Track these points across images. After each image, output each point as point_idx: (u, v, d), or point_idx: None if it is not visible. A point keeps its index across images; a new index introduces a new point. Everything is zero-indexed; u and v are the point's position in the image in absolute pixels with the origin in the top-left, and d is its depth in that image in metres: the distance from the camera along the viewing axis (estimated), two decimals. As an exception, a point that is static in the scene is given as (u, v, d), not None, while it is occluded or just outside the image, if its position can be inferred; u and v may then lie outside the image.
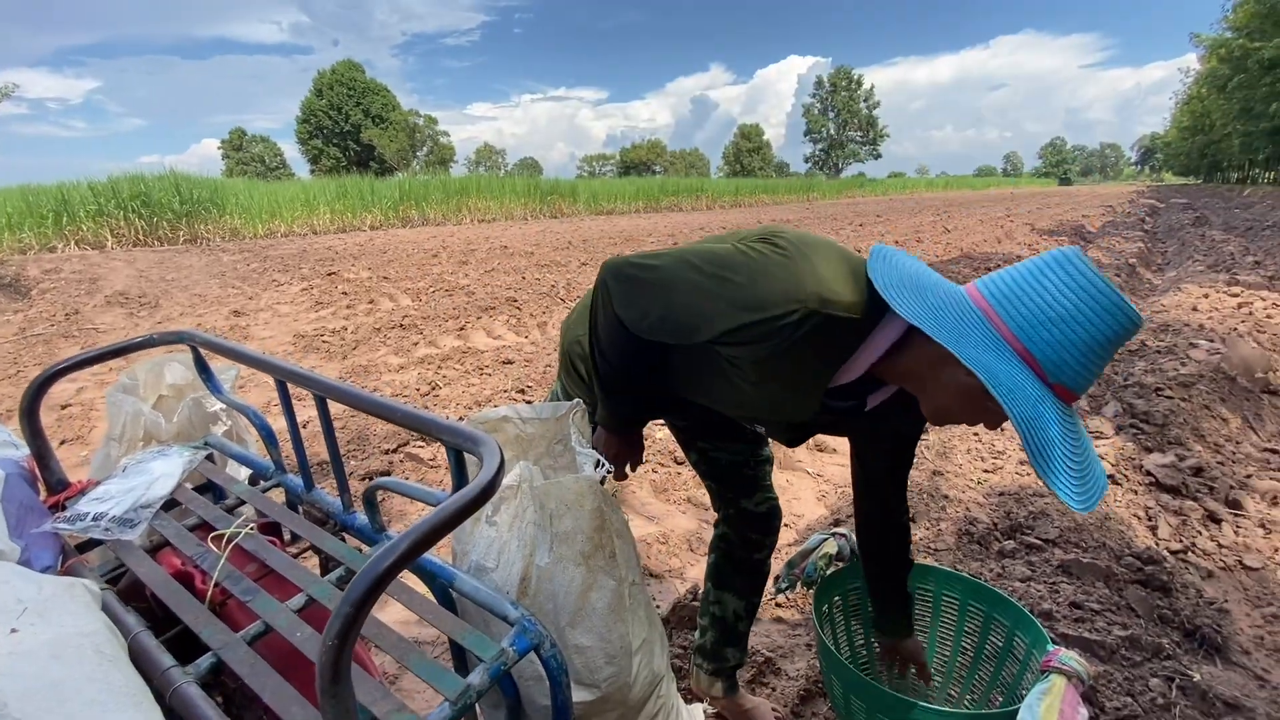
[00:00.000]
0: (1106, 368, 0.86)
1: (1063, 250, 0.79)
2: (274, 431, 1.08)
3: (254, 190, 16.81)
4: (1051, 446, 0.76)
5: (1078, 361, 0.75)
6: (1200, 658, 1.66)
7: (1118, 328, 0.75)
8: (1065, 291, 0.76)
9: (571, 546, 0.83)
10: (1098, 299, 0.75)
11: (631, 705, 0.89)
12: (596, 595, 0.84)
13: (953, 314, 0.80)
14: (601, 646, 0.84)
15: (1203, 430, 2.85)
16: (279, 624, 0.73)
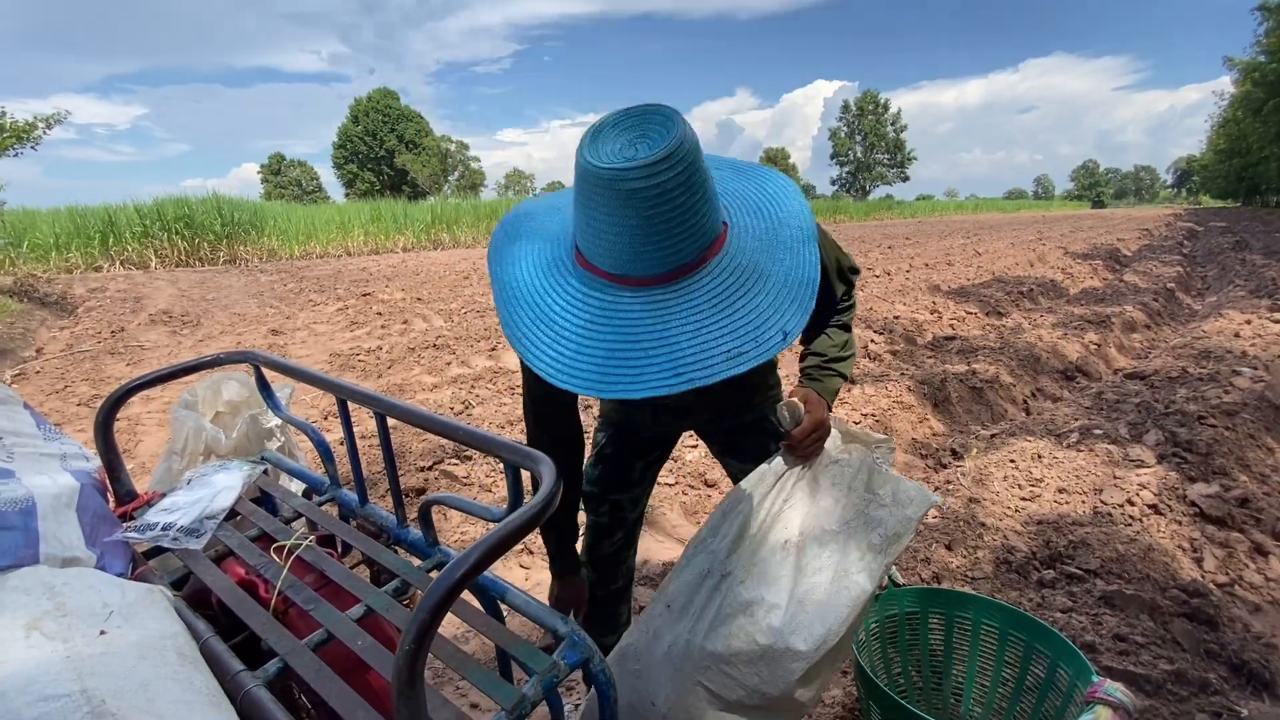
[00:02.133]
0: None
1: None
2: (330, 448, 1.13)
3: (291, 213, 17.38)
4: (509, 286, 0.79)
5: (580, 227, 0.76)
6: (1248, 694, 1.60)
7: (579, 178, 0.72)
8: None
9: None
10: (578, 151, 0.74)
11: None
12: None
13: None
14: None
15: (1248, 460, 2.77)
16: (341, 632, 0.77)
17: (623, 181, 0.68)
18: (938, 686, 1.43)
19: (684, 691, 0.99)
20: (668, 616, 1.03)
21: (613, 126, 0.75)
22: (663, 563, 2.13)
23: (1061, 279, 8.64)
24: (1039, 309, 6.68)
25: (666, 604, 1.04)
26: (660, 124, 0.73)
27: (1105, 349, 5.03)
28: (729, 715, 0.99)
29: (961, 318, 5.96)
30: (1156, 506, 2.24)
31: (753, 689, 0.96)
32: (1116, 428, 2.87)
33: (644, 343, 0.72)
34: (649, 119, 0.74)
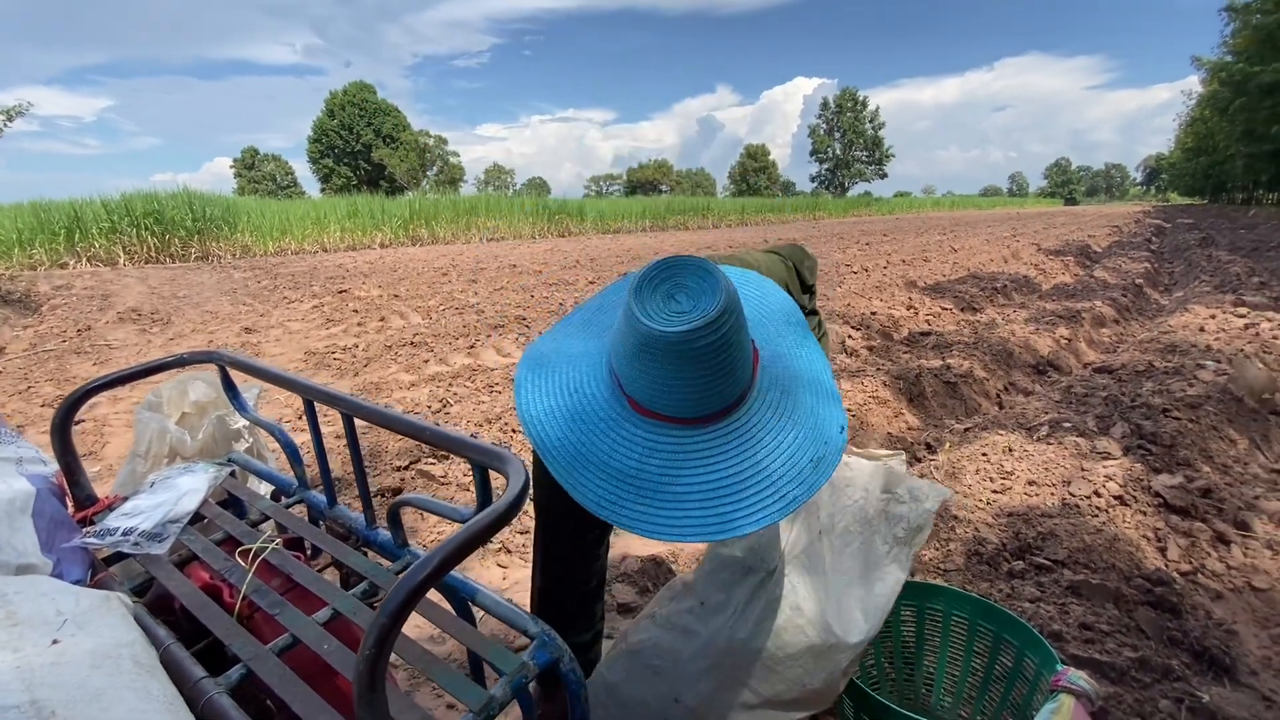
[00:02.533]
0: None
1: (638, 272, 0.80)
2: (298, 449, 1.11)
3: (265, 208, 17.07)
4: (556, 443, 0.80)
5: (624, 370, 0.78)
6: (1209, 679, 1.65)
7: (638, 339, 0.75)
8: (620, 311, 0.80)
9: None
10: (627, 316, 0.77)
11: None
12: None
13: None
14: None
15: (1210, 451, 2.85)
16: (307, 637, 0.76)
17: (691, 342, 0.72)
18: (909, 677, 1.45)
19: (720, 687, 0.99)
20: (701, 613, 1.03)
21: (653, 287, 0.78)
22: (640, 558, 2.14)
23: (1034, 275, 8.80)
24: (1012, 304, 6.80)
25: (700, 601, 1.05)
26: (696, 275, 0.77)
27: (1076, 343, 5.14)
28: (762, 710, 1.00)
29: (937, 313, 6.04)
30: (1122, 498, 2.30)
31: (795, 681, 0.98)
32: (1085, 421, 2.94)
33: (743, 474, 0.75)
34: (684, 271, 0.78)
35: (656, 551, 2.21)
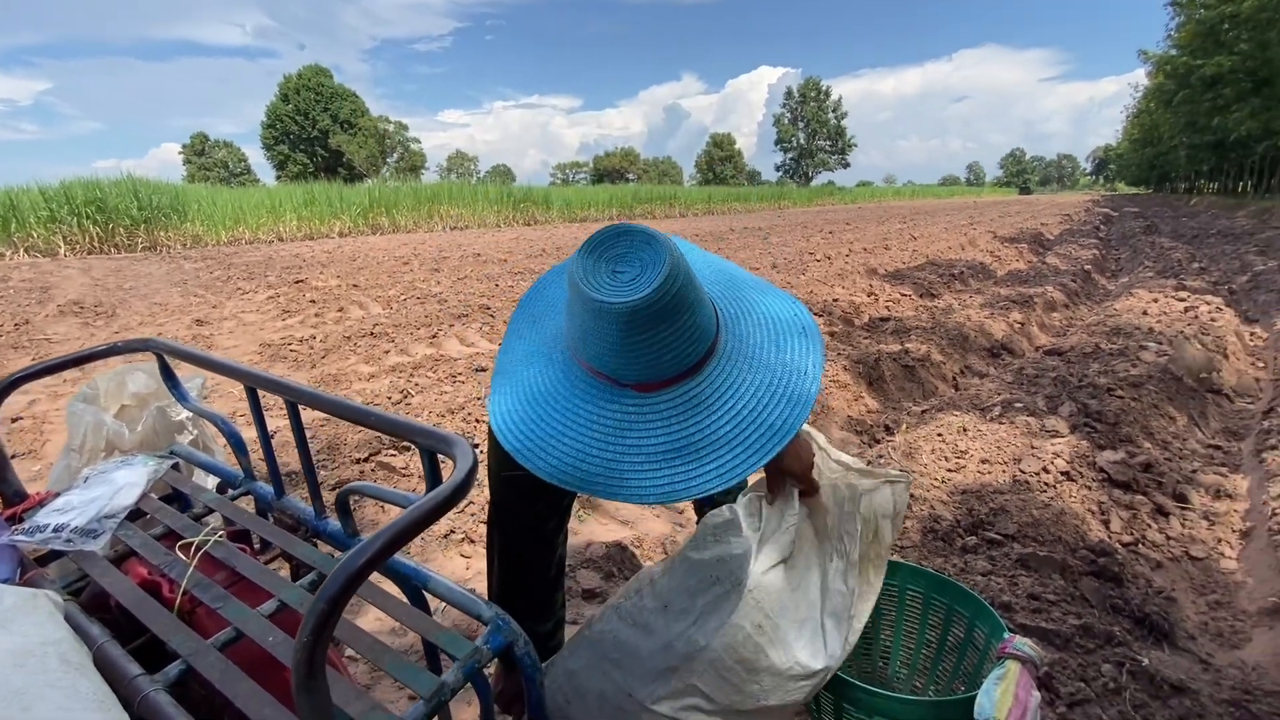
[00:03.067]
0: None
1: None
2: (243, 439, 1.07)
3: (217, 196, 16.43)
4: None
5: (581, 345, 0.79)
6: (1149, 644, 1.74)
7: (589, 314, 0.75)
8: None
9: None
10: (575, 291, 0.76)
11: None
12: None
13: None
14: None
15: (1152, 428, 2.98)
16: (251, 630, 0.74)
17: (642, 309, 0.71)
18: (867, 652, 1.49)
19: (675, 691, 1.00)
20: (664, 616, 1.03)
21: (596, 258, 0.77)
22: (605, 544, 2.14)
23: (990, 262, 9.05)
24: (969, 290, 6.98)
25: (663, 604, 1.04)
26: (639, 241, 0.76)
27: (1028, 327, 5.31)
28: (716, 717, 1.01)
29: (897, 300, 6.17)
30: (1069, 473, 2.39)
31: (750, 695, 0.99)
32: (1035, 401, 3.04)
33: (709, 432, 0.76)
34: (626, 239, 0.77)
35: (621, 537, 2.21)
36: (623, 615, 1.08)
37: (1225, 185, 36.56)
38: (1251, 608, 1.96)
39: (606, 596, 1.91)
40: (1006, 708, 1.01)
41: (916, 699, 1.11)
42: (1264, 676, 1.64)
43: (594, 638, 1.09)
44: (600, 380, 0.78)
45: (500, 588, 1.27)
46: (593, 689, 1.04)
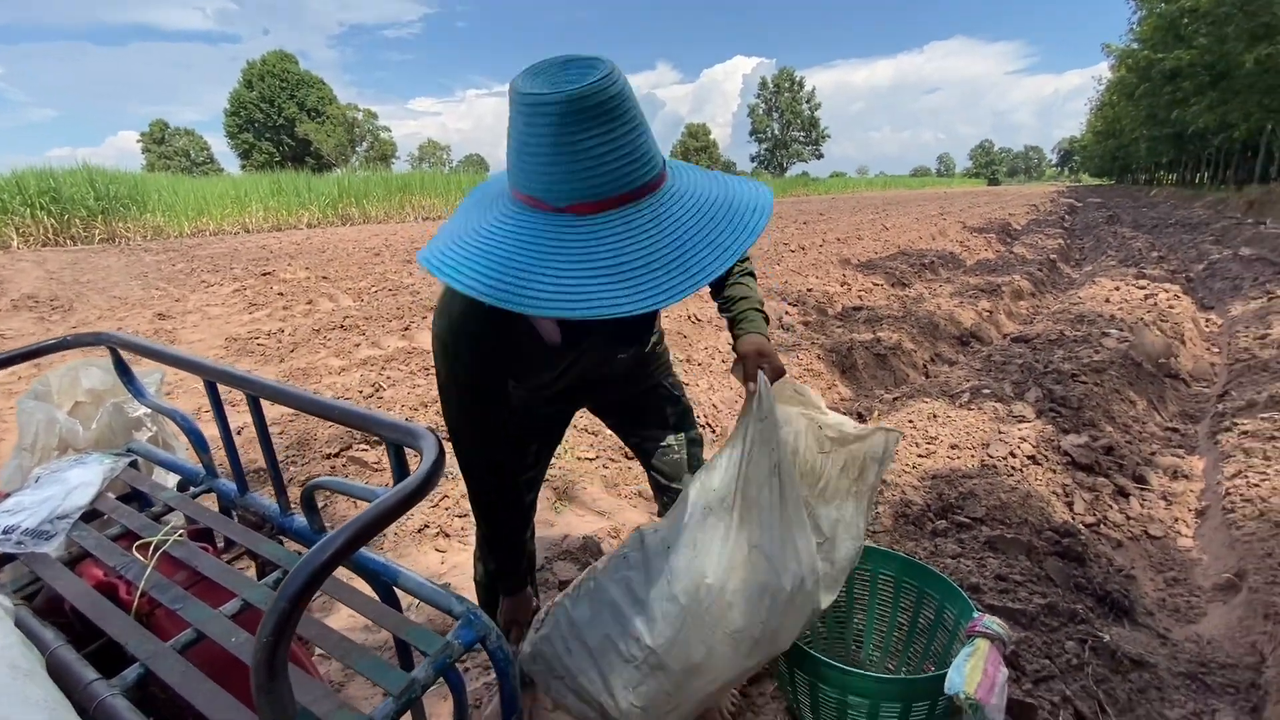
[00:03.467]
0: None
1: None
2: (203, 435, 1.04)
3: (179, 186, 15.94)
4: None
5: (514, 161, 0.74)
6: (1110, 621, 1.79)
7: (531, 120, 0.70)
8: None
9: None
10: (517, 108, 0.71)
11: None
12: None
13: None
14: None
15: (1113, 412, 3.07)
16: (212, 630, 0.72)
17: (590, 96, 0.67)
18: (840, 635, 1.52)
19: (683, 626, 1.02)
20: (665, 555, 1.06)
21: (536, 72, 0.73)
22: (583, 536, 2.13)
23: (960, 251, 9.21)
24: (939, 279, 7.10)
25: (667, 545, 1.07)
26: (580, 59, 0.73)
27: (996, 315, 5.42)
28: (724, 649, 1.03)
29: (869, 289, 6.25)
30: (1035, 457, 2.45)
31: (757, 620, 1.04)
32: (1003, 387, 3.11)
33: (657, 249, 0.71)
34: (568, 60, 0.74)
35: (597, 529, 2.21)
36: (631, 563, 1.08)
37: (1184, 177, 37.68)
38: (1206, 584, 2.04)
39: (583, 587, 1.91)
40: (975, 682, 1.03)
41: (890, 677, 1.13)
42: (1218, 650, 1.71)
43: (600, 587, 1.09)
44: (536, 207, 0.73)
45: (485, 544, 1.30)
46: (595, 636, 1.05)
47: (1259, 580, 1.82)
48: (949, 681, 1.02)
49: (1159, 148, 32.17)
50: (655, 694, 1.03)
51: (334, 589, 0.78)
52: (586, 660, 1.06)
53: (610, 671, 1.04)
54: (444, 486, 2.34)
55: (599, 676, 1.05)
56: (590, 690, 1.05)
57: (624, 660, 1.03)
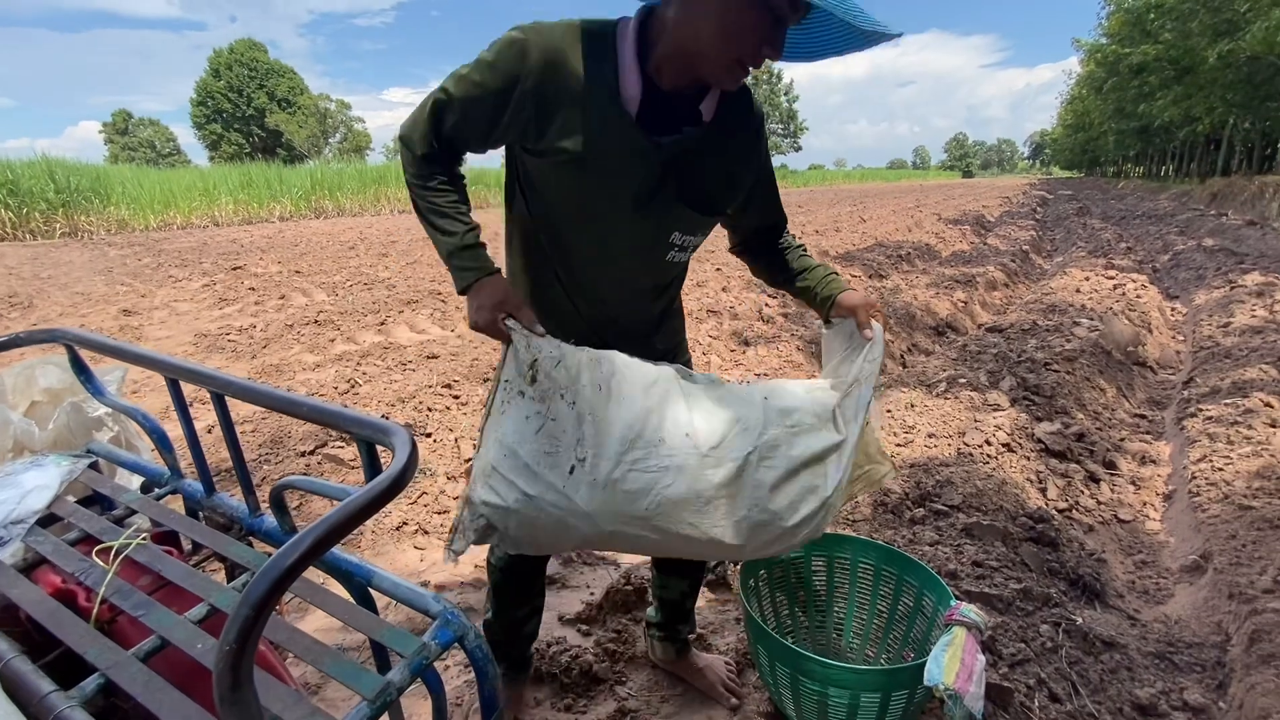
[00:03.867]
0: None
1: None
2: (167, 434, 1.00)
3: (144, 178, 15.50)
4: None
5: None
6: (1083, 603, 1.83)
7: None
8: None
9: None
10: None
11: None
12: None
13: None
14: None
15: (1084, 400, 3.14)
16: (177, 637, 0.69)
17: None
18: (821, 624, 1.52)
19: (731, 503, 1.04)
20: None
21: None
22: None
23: (935, 243, 9.33)
24: (915, 271, 7.18)
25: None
26: None
27: (971, 306, 5.50)
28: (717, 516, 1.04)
29: (847, 280, 6.30)
30: (1009, 445, 2.49)
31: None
32: (978, 376, 3.16)
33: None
34: None
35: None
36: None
37: (1150, 169, 38.60)
38: (1173, 565, 2.09)
39: (565, 583, 1.90)
40: (954, 671, 1.04)
41: (869, 668, 1.14)
42: (1185, 629, 1.76)
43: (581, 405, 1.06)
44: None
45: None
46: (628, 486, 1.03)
47: (1223, 561, 1.88)
48: (928, 673, 1.03)
49: (1126, 141, 32.90)
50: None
51: (306, 591, 0.76)
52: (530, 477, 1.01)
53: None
54: (422, 483, 2.31)
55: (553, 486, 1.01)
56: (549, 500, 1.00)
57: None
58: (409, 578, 1.90)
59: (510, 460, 1.02)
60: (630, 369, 1.08)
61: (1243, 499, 2.14)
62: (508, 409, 1.03)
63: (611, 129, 0.97)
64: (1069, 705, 1.43)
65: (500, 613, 1.35)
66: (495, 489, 1.01)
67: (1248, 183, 14.44)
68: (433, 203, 1.05)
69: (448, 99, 0.98)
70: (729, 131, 1.08)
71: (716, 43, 0.90)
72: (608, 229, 1.05)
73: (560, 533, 1.03)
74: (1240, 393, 2.97)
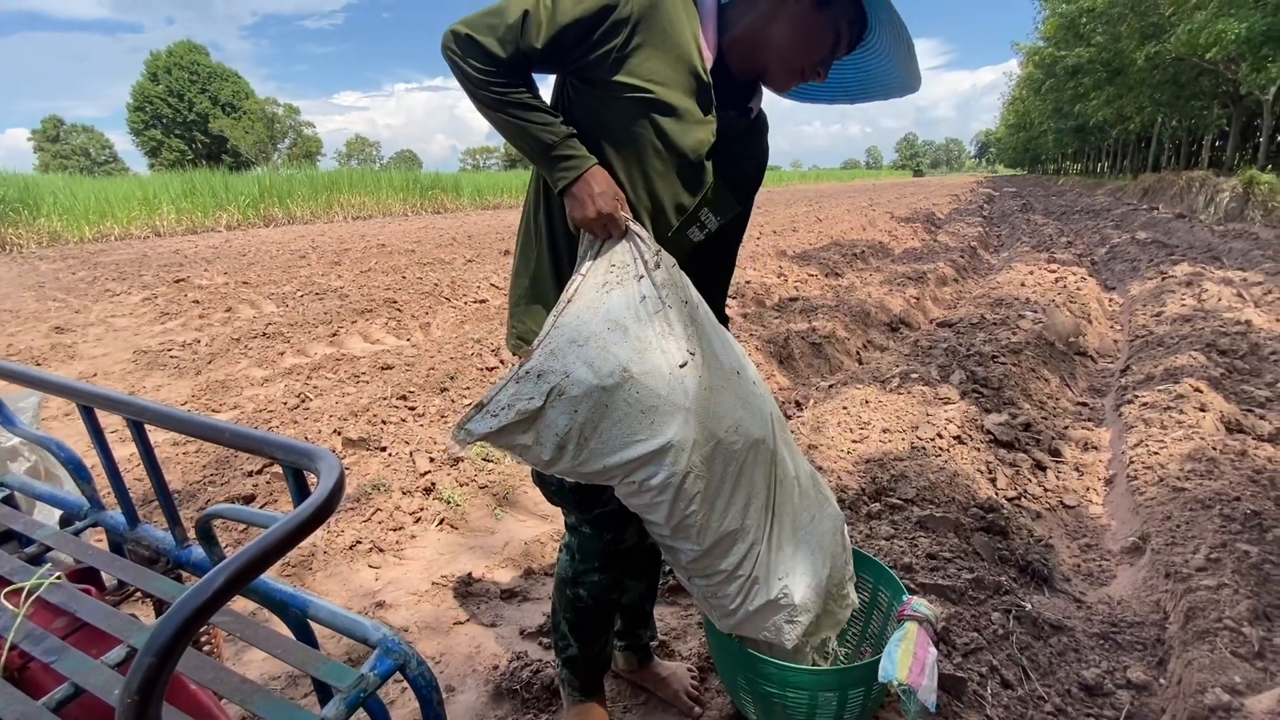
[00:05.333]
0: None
1: None
2: (84, 464, 0.95)
3: (77, 187, 14.75)
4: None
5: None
6: (1032, 589, 1.89)
7: None
8: None
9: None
10: None
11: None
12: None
13: None
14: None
15: (1030, 390, 3.25)
16: (92, 683, 0.65)
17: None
18: (781, 624, 1.53)
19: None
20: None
21: None
22: (524, 541, 2.09)
23: (888, 241, 9.57)
24: (870, 268, 7.35)
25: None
26: None
27: (923, 302, 5.65)
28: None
29: (804, 280, 6.40)
30: (960, 437, 2.56)
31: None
32: (929, 371, 3.24)
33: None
34: None
35: (540, 533, 2.17)
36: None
37: (1087, 166, 40.39)
38: (1115, 548, 2.18)
39: (527, 596, 1.87)
40: (907, 666, 1.06)
41: (825, 669, 1.15)
42: (1127, 609, 1.83)
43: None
44: None
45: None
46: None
47: (1160, 542, 1.96)
48: (882, 670, 1.05)
49: (1064, 139, 34.39)
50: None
51: (236, 626, 0.72)
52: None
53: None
54: (376, 499, 2.25)
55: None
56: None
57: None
58: (364, 598, 1.85)
59: (618, 333, 0.95)
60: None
61: (1176, 481, 2.25)
62: (617, 289, 0.98)
63: (688, 79, 0.99)
64: (1020, 690, 1.47)
65: (589, 643, 1.26)
66: (590, 361, 0.93)
67: (1176, 178, 15.25)
68: (521, 100, 0.98)
69: (536, 8, 0.94)
70: (758, 135, 1.15)
71: (792, 47, 1.01)
72: (656, 176, 1.03)
73: (634, 429, 0.95)
74: (1172, 379, 3.12)
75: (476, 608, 1.80)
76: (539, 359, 0.95)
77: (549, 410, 0.94)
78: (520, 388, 0.94)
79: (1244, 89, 14.28)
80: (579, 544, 1.18)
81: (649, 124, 0.99)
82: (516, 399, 0.94)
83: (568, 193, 1.00)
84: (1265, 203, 10.23)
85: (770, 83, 1.09)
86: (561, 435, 0.95)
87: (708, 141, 1.03)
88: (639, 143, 1.00)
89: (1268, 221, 9.83)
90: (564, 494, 1.13)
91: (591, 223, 0.99)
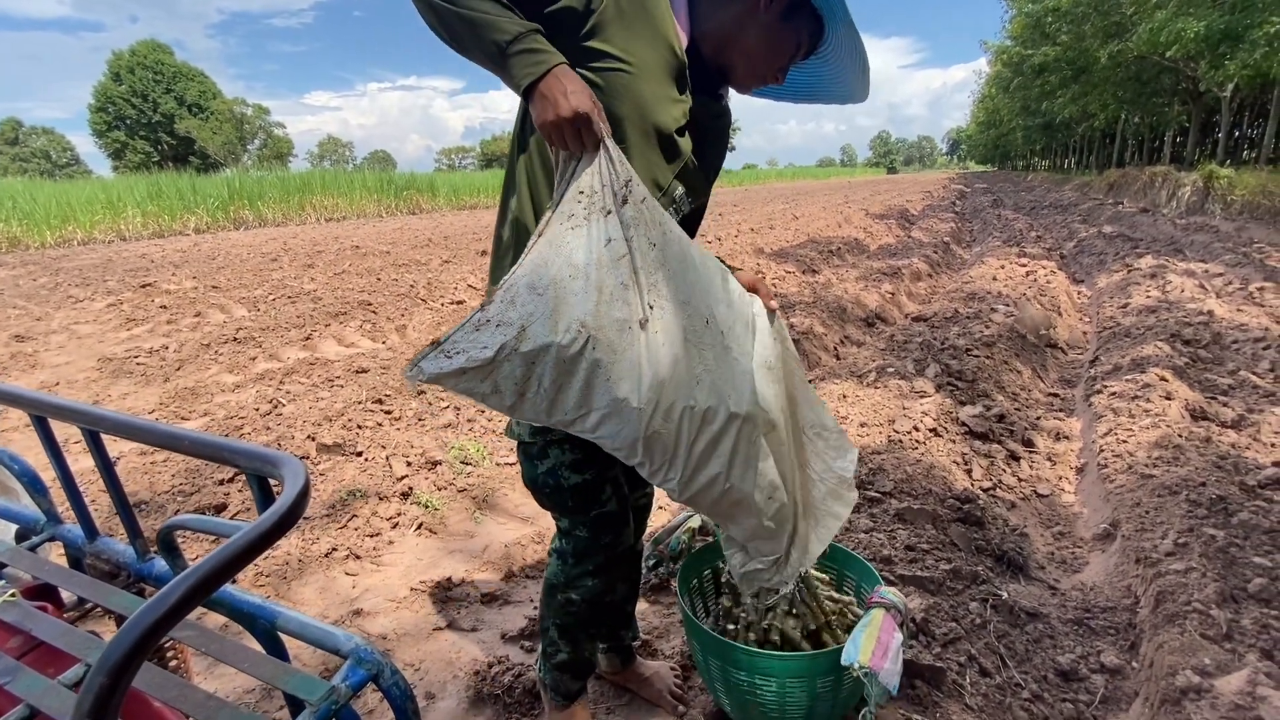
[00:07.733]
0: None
1: None
2: (39, 476, 0.91)
3: (38, 191, 14.32)
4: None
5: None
6: (1008, 578, 1.92)
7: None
8: None
9: None
10: None
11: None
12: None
13: None
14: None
15: (1003, 382, 3.31)
16: (47, 705, 0.62)
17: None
18: (763, 620, 1.54)
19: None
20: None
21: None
22: (504, 544, 2.07)
23: (864, 237, 9.67)
24: (846, 265, 7.42)
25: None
26: None
27: (898, 297, 5.72)
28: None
29: (782, 277, 6.44)
30: (936, 430, 2.59)
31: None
32: (905, 365, 3.28)
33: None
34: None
35: (520, 536, 2.15)
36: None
37: (1055, 162, 41.27)
38: (1087, 535, 2.23)
39: (508, 599, 1.85)
40: (869, 650, 1.08)
41: (792, 654, 1.16)
42: (1099, 595, 1.87)
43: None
44: None
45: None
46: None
47: (1130, 528, 2.01)
48: (845, 654, 1.06)
49: (1033, 136, 35.14)
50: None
51: (201, 641, 0.70)
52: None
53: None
54: (353, 505, 2.21)
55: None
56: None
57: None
58: (342, 606, 1.81)
59: (580, 283, 0.87)
60: (695, 249, 1.02)
61: (1144, 468, 2.30)
62: (582, 227, 0.88)
63: (666, 54, 0.99)
64: (998, 678, 1.49)
65: (579, 646, 1.24)
66: (548, 312, 0.85)
67: (1139, 173, 15.65)
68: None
69: None
70: (725, 125, 1.18)
71: (758, 54, 1.05)
72: (634, 151, 0.99)
73: (590, 394, 0.88)
74: (1139, 369, 3.20)
75: (456, 612, 1.78)
76: (497, 307, 0.88)
77: (504, 363, 0.88)
78: (478, 335, 0.87)
79: (1203, 86, 14.73)
80: (574, 547, 1.15)
81: (627, 95, 0.96)
82: (472, 345, 0.87)
83: (534, 91, 0.88)
84: (1224, 196, 10.55)
85: (733, 82, 1.12)
86: (520, 383, 0.89)
87: (681, 120, 1.03)
88: (617, 114, 0.96)
89: (1227, 214, 10.14)
90: (561, 497, 1.10)
91: (564, 124, 0.87)
